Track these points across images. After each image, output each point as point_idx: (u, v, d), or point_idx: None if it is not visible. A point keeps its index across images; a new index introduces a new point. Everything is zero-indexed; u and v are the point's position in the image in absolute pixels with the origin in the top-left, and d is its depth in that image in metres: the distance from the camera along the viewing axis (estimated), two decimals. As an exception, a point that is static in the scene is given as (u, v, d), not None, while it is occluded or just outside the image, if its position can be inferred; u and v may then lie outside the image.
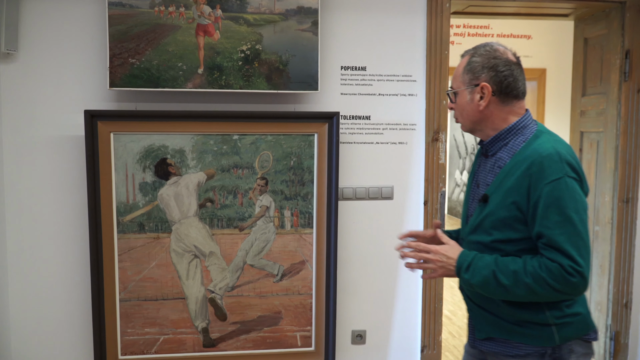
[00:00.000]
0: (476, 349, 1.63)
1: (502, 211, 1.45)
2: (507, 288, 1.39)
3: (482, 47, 1.56)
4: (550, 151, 1.40)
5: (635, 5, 2.86)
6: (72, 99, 2.46)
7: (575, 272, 1.34)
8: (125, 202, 2.49)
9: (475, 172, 1.66)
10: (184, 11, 2.43)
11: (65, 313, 2.56)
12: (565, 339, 1.45)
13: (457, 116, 1.62)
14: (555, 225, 1.35)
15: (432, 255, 1.51)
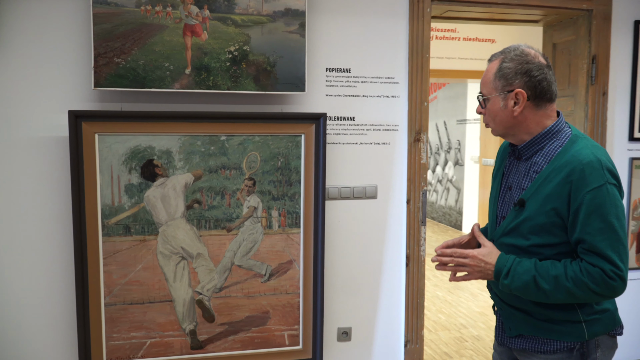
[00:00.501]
0: (504, 347, 1.68)
1: (541, 217, 1.47)
2: (547, 292, 1.43)
3: (512, 51, 1.55)
4: (591, 158, 1.42)
5: (601, 13, 3.02)
6: (56, 99, 2.40)
7: (616, 276, 1.38)
8: (111, 204, 2.45)
9: (505, 173, 1.68)
10: (171, 11, 2.41)
11: (49, 318, 2.49)
12: (594, 335, 1.50)
13: (487, 121, 1.62)
14: (598, 232, 1.39)
15: (470, 261, 1.53)
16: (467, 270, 1.56)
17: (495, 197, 1.68)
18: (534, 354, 1.55)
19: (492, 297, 1.71)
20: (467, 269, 1.55)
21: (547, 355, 1.52)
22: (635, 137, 3.17)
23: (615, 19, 3.07)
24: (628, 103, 3.16)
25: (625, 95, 3.15)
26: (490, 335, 3.78)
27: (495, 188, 1.70)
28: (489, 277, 1.53)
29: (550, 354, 1.52)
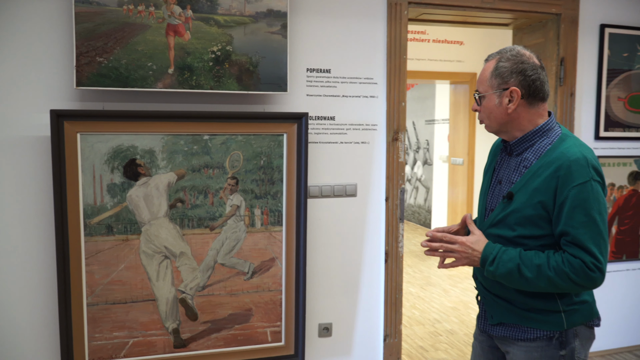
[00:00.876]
0: (485, 334, 1.76)
1: (528, 209, 1.54)
2: (529, 280, 1.50)
3: (508, 51, 1.62)
4: (578, 155, 1.50)
5: (569, 17, 3.16)
6: (37, 98, 2.37)
7: (596, 268, 1.46)
8: (93, 204, 2.44)
9: (496, 169, 1.75)
10: (154, 11, 2.42)
11: (31, 319, 2.46)
12: (572, 325, 1.59)
13: (482, 118, 1.69)
14: (580, 225, 1.46)
15: (458, 247, 1.60)
16: (455, 256, 1.63)
17: (485, 191, 1.76)
18: (514, 341, 1.63)
19: (477, 286, 1.78)
20: (455, 255, 1.63)
21: (527, 342, 1.60)
22: (600, 136, 3.32)
23: (582, 23, 3.21)
24: (594, 104, 3.31)
25: (592, 96, 3.30)
26: (464, 329, 3.89)
27: (486, 182, 1.78)
28: (476, 264, 1.60)
29: (530, 341, 1.60)
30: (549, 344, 1.58)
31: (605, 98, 3.32)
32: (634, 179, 3.44)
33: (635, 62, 3.37)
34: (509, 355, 1.66)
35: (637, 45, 3.35)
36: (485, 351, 1.78)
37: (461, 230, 1.73)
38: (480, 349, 1.80)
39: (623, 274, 3.46)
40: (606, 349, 3.48)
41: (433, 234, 1.65)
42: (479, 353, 1.81)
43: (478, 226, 1.74)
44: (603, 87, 3.30)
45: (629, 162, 3.42)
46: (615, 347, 3.51)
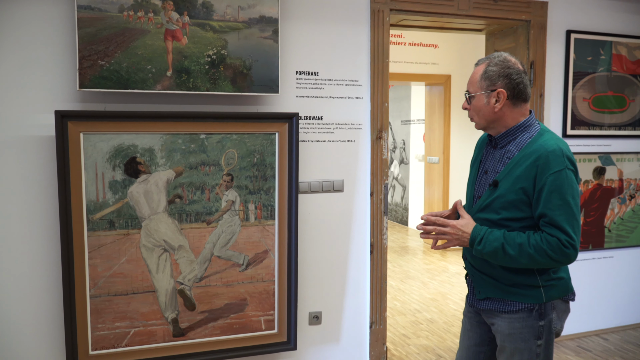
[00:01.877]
0: (473, 310, 1.95)
1: (511, 195, 1.74)
2: (512, 257, 1.70)
3: (496, 57, 1.82)
4: (554, 147, 1.71)
5: (538, 23, 3.40)
6: (42, 99, 2.49)
7: (570, 245, 1.66)
8: (95, 200, 2.56)
9: (482, 160, 1.95)
10: (153, 17, 2.55)
11: (36, 311, 2.57)
12: (550, 298, 1.79)
13: (472, 116, 1.88)
14: (556, 208, 1.67)
15: (450, 229, 1.79)
16: (447, 238, 1.82)
17: (473, 180, 1.96)
18: (499, 314, 1.83)
19: (466, 265, 1.98)
20: (447, 237, 1.81)
21: (510, 314, 1.80)
22: (567, 134, 3.57)
23: (550, 28, 3.45)
24: (561, 104, 3.56)
25: (559, 97, 3.55)
26: (443, 317, 4.10)
27: (473, 173, 1.98)
28: (465, 244, 1.79)
29: (513, 313, 1.80)
30: (530, 316, 1.78)
31: (572, 99, 3.57)
32: (599, 173, 3.70)
33: (598, 65, 3.63)
34: (494, 326, 1.86)
35: (600, 49, 3.61)
36: (474, 325, 1.98)
37: (452, 215, 1.92)
38: (469, 324, 2.00)
39: (589, 263, 3.72)
40: (576, 332, 3.73)
41: (427, 218, 1.84)
42: (467, 328, 2.01)
43: (467, 211, 1.92)
44: (569, 89, 3.55)
45: (594, 158, 3.68)
46: (584, 331, 3.77)
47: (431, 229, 1.84)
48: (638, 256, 3.87)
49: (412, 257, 6.09)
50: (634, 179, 3.81)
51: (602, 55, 3.63)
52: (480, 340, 1.99)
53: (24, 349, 2.57)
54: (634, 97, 3.76)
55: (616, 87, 3.70)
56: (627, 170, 3.79)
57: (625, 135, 3.76)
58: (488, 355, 2.00)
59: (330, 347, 3.10)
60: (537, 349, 1.79)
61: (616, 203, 3.77)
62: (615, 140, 3.74)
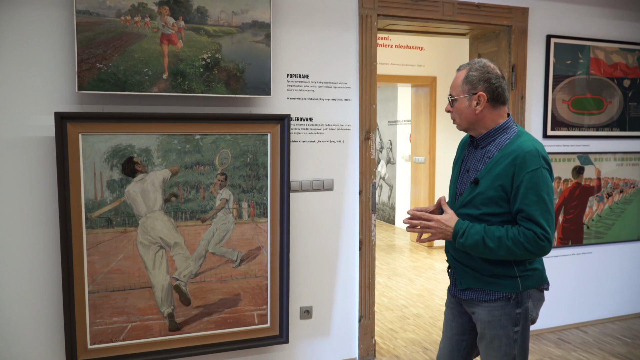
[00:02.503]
0: (456, 298, 2.07)
1: (491, 191, 1.86)
2: (492, 249, 1.82)
3: (477, 63, 1.94)
4: (531, 148, 1.83)
5: (519, 28, 3.54)
6: (41, 101, 2.56)
7: (545, 238, 1.79)
8: (94, 198, 2.64)
9: (464, 160, 2.06)
10: (149, 21, 2.64)
11: (36, 307, 2.64)
12: (526, 288, 1.92)
13: (454, 117, 2.00)
14: (533, 203, 1.79)
15: (434, 224, 1.91)
16: (432, 231, 1.94)
17: (455, 179, 2.08)
18: (479, 302, 1.95)
19: (448, 258, 2.10)
20: (432, 230, 1.93)
21: (489, 303, 1.92)
22: (548, 134, 3.72)
23: (531, 33, 3.59)
24: (542, 106, 3.70)
25: (540, 99, 3.69)
26: (429, 312, 4.23)
27: (455, 172, 2.10)
28: (448, 238, 1.91)
29: (492, 302, 1.92)
30: (507, 304, 1.90)
31: (552, 101, 3.72)
32: (577, 173, 3.85)
33: (577, 68, 3.78)
34: (474, 315, 1.98)
35: (578, 53, 3.76)
36: (455, 316, 2.10)
37: (436, 211, 2.04)
38: (451, 315, 2.12)
39: (569, 258, 3.86)
40: (556, 325, 3.87)
41: (413, 213, 1.96)
42: (449, 318, 2.13)
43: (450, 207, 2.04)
44: (550, 91, 3.70)
45: (573, 157, 3.83)
46: (564, 324, 3.91)
47: (417, 223, 1.96)
48: (615, 252, 4.03)
49: (399, 255, 6.22)
50: (611, 177, 3.97)
51: (581, 59, 3.78)
52: (462, 329, 2.11)
53: (24, 343, 2.65)
54: (611, 99, 3.91)
55: (594, 90, 3.85)
56: (605, 169, 3.94)
57: (602, 135, 3.91)
58: (469, 343, 2.12)
59: (320, 341, 3.21)
60: (515, 335, 1.91)
61: (594, 201, 3.92)
62: (594, 140, 3.89)
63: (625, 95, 3.96)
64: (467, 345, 2.12)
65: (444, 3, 3.31)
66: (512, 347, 1.91)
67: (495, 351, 1.93)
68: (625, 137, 3.99)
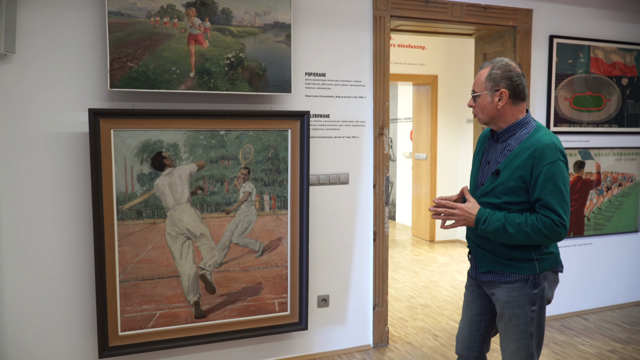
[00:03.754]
0: (476, 281, 2.22)
1: (511, 182, 2.01)
2: (512, 235, 1.97)
3: (499, 61, 2.08)
4: (549, 142, 1.98)
5: (524, 29, 3.70)
6: (75, 98, 2.69)
7: (561, 224, 1.94)
8: (124, 191, 2.77)
9: (484, 152, 2.21)
10: (177, 22, 2.77)
11: (70, 295, 2.77)
12: (543, 270, 2.07)
13: (476, 112, 2.14)
14: (550, 193, 1.94)
15: (458, 211, 2.06)
16: (455, 219, 2.08)
17: (476, 170, 2.22)
18: (499, 284, 2.10)
19: (469, 244, 2.24)
20: (455, 217, 2.08)
21: (508, 284, 2.07)
22: (551, 130, 3.86)
23: (534, 34, 3.76)
24: (545, 103, 3.86)
25: (543, 96, 3.85)
26: (436, 302, 4.39)
27: (476, 163, 2.25)
28: (470, 224, 2.06)
29: (511, 283, 2.07)
30: (525, 285, 2.05)
31: (554, 98, 3.88)
32: (579, 167, 4.02)
33: (577, 67, 3.94)
34: (494, 296, 2.13)
35: (579, 53, 3.93)
36: (475, 297, 2.25)
37: (459, 199, 2.18)
38: (471, 296, 2.27)
39: (571, 249, 4.03)
40: (559, 313, 4.04)
41: (438, 201, 2.11)
42: (469, 300, 2.28)
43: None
44: (552, 89, 3.86)
45: (574, 152, 3.99)
46: (566, 312, 4.08)
47: (441, 210, 2.10)
48: (614, 243, 4.20)
49: (402, 249, 6.37)
50: (610, 172, 4.14)
51: (581, 58, 3.95)
52: (481, 310, 2.26)
53: (59, 330, 2.77)
54: (610, 97, 4.08)
55: (594, 88, 4.02)
56: (604, 164, 4.12)
57: (602, 132, 4.08)
58: (488, 323, 2.27)
59: (337, 328, 3.35)
60: (532, 314, 2.07)
61: (594, 194, 4.09)
62: (593, 136, 4.06)
63: (623, 93, 4.13)
64: (486, 325, 2.27)
65: (453, 5, 3.47)
66: (529, 325, 2.07)
67: (513, 329, 2.08)
68: (623, 133, 4.16)
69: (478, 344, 2.29)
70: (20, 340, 2.70)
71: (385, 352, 3.41)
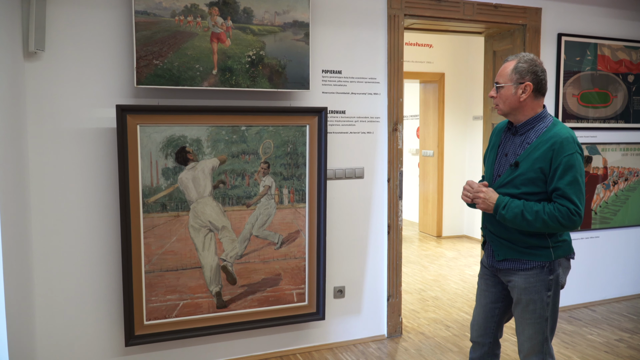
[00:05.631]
0: (491, 269, 2.32)
1: (530, 173, 2.11)
2: (529, 222, 2.06)
3: (525, 56, 2.17)
4: (567, 135, 2.09)
5: (533, 27, 3.79)
6: (102, 95, 2.78)
7: (576, 213, 2.04)
8: (150, 185, 2.86)
9: (501, 145, 2.30)
10: (201, 21, 2.86)
11: (98, 285, 2.87)
12: (557, 257, 2.17)
13: (498, 102, 2.22)
14: (568, 183, 2.04)
15: (483, 195, 2.16)
16: (478, 201, 2.18)
17: (492, 162, 2.32)
18: (516, 271, 2.20)
19: (485, 233, 2.34)
20: (479, 200, 2.18)
21: (525, 271, 2.17)
22: (559, 126, 3.97)
23: (543, 32, 3.85)
24: (554, 99, 3.96)
25: (552, 93, 3.95)
26: (446, 295, 4.48)
27: (492, 156, 2.34)
28: (489, 209, 2.16)
29: (527, 270, 2.17)
30: (541, 271, 2.15)
31: (562, 95, 3.97)
32: (586, 162, 4.11)
33: (584, 64, 4.03)
34: (511, 283, 2.22)
35: (586, 50, 4.02)
36: (489, 286, 2.35)
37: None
38: (485, 285, 2.37)
39: (578, 242, 4.12)
40: (567, 305, 4.13)
41: (470, 184, 2.22)
42: (483, 288, 2.38)
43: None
44: (560, 86, 3.95)
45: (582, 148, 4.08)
46: (574, 304, 4.18)
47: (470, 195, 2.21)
48: (621, 236, 4.30)
49: (410, 245, 6.47)
50: (616, 167, 4.23)
51: (589, 56, 4.04)
52: (495, 298, 2.36)
53: (87, 319, 2.87)
54: (617, 93, 4.18)
55: (601, 85, 4.11)
56: (611, 159, 4.21)
57: (609, 127, 4.17)
58: (502, 310, 2.37)
59: (352, 318, 3.45)
60: (548, 299, 2.16)
61: (601, 188, 4.19)
62: (600, 132, 4.15)
63: (629, 89, 4.22)
64: (500, 312, 2.37)
65: (465, 4, 3.56)
66: (545, 309, 2.16)
67: (530, 314, 2.18)
68: (629, 129, 4.25)
69: (493, 331, 2.39)
70: (49, 329, 2.80)
71: (399, 342, 3.50)
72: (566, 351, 3.38)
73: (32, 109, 2.69)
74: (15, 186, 2.47)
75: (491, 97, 2.26)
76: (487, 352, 2.40)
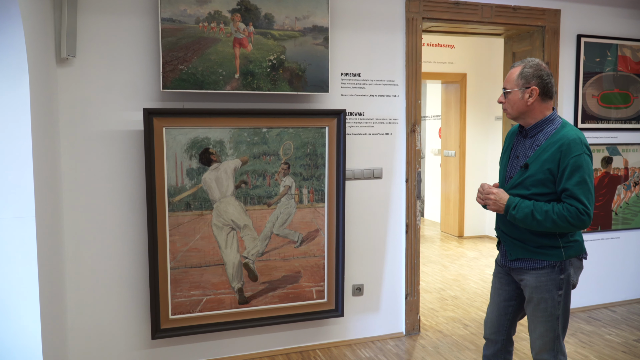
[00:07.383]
0: (505, 268, 2.38)
1: (540, 174, 2.17)
2: (539, 221, 2.12)
3: (531, 61, 2.24)
4: (575, 137, 2.14)
5: (552, 29, 3.81)
6: (130, 98, 2.91)
7: (585, 213, 2.09)
8: (175, 185, 2.98)
9: (513, 148, 2.36)
10: (224, 27, 2.97)
11: (125, 281, 3.00)
12: (568, 256, 2.22)
13: (506, 107, 2.29)
14: (576, 184, 2.10)
15: (494, 196, 2.23)
16: (489, 202, 2.25)
17: (505, 164, 2.38)
18: (528, 271, 2.25)
19: (499, 234, 2.40)
20: (490, 201, 2.24)
21: (537, 271, 2.22)
22: (578, 127, 3.97)
23: (562, 33, 3.86)
24: (573, 100, 3.97)
25: (571, 94, 3.96)
26: (465, 294, 4.52)
27: (505, 158, 2.40)
28: (500, 210, 2.22)
29: (539, 270, 2.22)
30: (553, 271, 2.20)
31: (582, 96, 3.98)
32: (606, 163, 4.11)
33: (605, 65, 4.03)
34: (523, 282, 2.27)
35: (607, 51, 4.02)
36: (503, 284, 2.40)
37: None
38: (499, 283, 2.42)
39: (598, 243, 4.12)
40: (586, 305, 4.14)
41: (483, 187, 2.28)
42: (497, 286, 2.43)
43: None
44: (580, 87, 3.96)
45: (602, 148, 4.09)
46: (594, 304, 4.18)
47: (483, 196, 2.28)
48: (642, 237, 4.29)
49: (431, 245, 6.50)
50: (638, 167, 4.21)
51: (609, 57, 4.03)
52: (509, 296, 2.41)
53: (115, 313, 3.00)
54: (638, 94, 4.16)
55: (621, 85, 4.10)
56: (632, 160, 4.19)
57: (630, 128, 4.16)
58: (515, 308, 2.42)
59: (371, 316, 3.52)
60: (559, 298, 2.21)
61: (622, 189, 4.18)
62: (621, 132, 4.14)
63: (651, 90, 4.20)
64: (513, 310, 2.42)
65: (483, 6, 3.60)
66: (556, 308, 2.21)
67: (541, 312, 2.23)
68: (651, 130, 4.24)
69: (506, 328, 2.45)
70: (80, 322, 2.94)
71: (417, 340, 3.57)
72: (583, 350, 3.40)
73: (64, 113, 2.83)
74: (49, 186, 2.61)
75: (500, 102, 2.31)
76: (501, 349, 2.46)
